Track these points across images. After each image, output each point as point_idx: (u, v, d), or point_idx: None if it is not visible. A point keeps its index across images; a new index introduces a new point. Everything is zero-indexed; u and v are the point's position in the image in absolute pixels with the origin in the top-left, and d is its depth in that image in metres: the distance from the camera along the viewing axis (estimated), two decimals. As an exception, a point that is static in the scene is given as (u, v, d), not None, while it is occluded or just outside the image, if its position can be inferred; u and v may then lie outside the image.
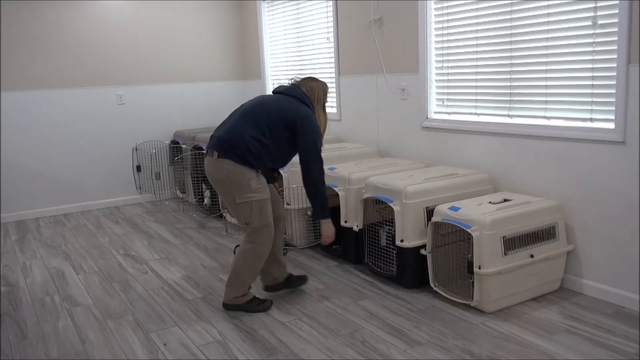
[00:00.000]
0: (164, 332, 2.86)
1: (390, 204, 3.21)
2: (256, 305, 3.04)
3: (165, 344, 2.73)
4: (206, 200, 5.05)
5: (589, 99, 2.99)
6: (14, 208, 5.27)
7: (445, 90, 3.84)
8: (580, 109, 3.05)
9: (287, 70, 5.59)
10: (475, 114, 3.65)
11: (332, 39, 4.83)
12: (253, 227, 2.90)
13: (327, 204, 2.95)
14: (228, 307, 3.06)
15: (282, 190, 3.11)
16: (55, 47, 5.26)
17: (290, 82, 3.13)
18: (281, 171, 3.99)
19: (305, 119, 2.87)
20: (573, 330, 2.70)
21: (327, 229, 2.98)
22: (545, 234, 3.04)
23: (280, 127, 2.85)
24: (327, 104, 3.14)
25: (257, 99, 2.99)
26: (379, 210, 3.63)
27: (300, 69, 5.38)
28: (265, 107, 2.90)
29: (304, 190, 3.84)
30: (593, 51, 2.93)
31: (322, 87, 3.10)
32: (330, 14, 4.78)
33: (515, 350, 2.53)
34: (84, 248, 4.34)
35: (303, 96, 2.97)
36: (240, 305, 3.03)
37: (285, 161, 3.00)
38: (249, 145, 2.81)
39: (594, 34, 2.92)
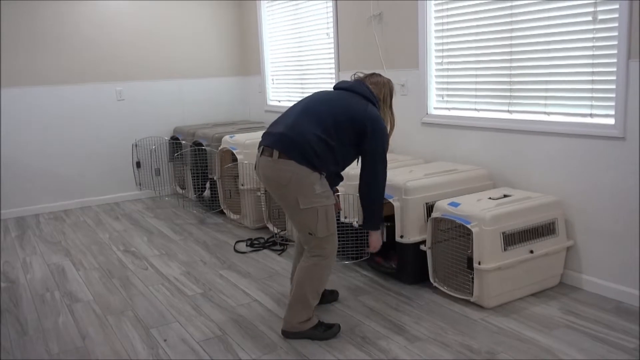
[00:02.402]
0: (164, 328, 2.86)
1: (390, 200, 3.21)
2: (322, 332, 2.65)
3: (165, 340, 2.73)
4: (206, 192, 5.04)
5: (589, 95, 2.99)
6: (13, 204, 5.27)
7: (445, 86, 3.84)
8: (580, 105, 3.04)
9: (287, 66, 5.59)
10: (475, 109, 3.65)
11: (331, 35, 4.82)
12: (318, 238, 2.56)
13: (382, 214, 2.71)
14: (289, 335, 2.68)
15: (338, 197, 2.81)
16: (54, 43, 5.25)
17: (352, 77, 2.81)
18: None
19: (375, 121, 2.57)
20: (572, 326, 2.71)
21: (377, 239, 2.75)
22: (545, 230, 3.04)
23: (347, 129, 2.54)
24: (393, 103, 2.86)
25: (319, 95, 2.67)
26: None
27: (300, 65, 5.37)
28: (331, 104, 2.59)
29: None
30: (593, 46, 2.93)
31: (389, 84, 2.79)
32: (330, 9, 4.77)
33: (515, 346, 2.54)
34: (84, 244, 4.34)
35: (370, 94, 2.66)
36: (303, 333, 2.65)
37: (345, 165, 2.67)
38: (314, 145, 2.48)
39: (594, 29, 2.91)
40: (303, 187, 2.48)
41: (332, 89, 2.75)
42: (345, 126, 2.54)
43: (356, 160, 2.71)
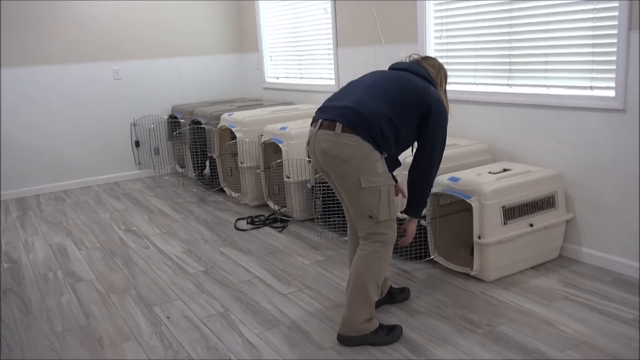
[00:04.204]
0: (167, 306, 2.89)
1: (390, 176, 3.21)
2: (385, 336, 2.42)
3: (168, 317, 2.76)
4: (206, 170, 5.04)
5: (590, 67, 2.97)
6: (14, 185, 5.27)
7: (444, 60, 3.80)
8: (580, 77, 3.02)
9: (285, 42, 5.54)
10: (475, 83, 3.62)
11: (329, 10, 4.76)
12: (378, 222, 2.36)
13: (427, 202, 2.54)
14: (347, 340, 2.42)
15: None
16: (50, 22, 5.19)
17: (408, 58, 2.62)
18: (280, 145, 3.98)
19: (439, 102, 2.41)
20: (572, 298, 2.73)
21: (414, 228, 2.55)
22: (544, 203, 3.05)
23: (413, 109, 2.36)
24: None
25: (381, 73, 2.49)
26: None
27: (298, 41, 5.32)
28: (397, 83, 2.40)
29: (304, 162, 3.84)
30: (594, 17, 2.90)
31: (444, 68, 2.63)
32: (327, -17, 4.72)
33: (515, 318, 2.56)
34: (85, 224, 4.36)
35: (429, 76, 2.50)
36: (364, 337, 2.41)
37: (404, 149, 2.48)
38: (381, 123, 2.29)
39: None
40: (366, 165, 2.29)
41: (388, 70, 2.57)
42: (412, 106, 2.36)
43: (411, 147, 2.54)
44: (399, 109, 2.33)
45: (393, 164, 2.54)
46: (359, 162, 2.28)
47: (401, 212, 2.51)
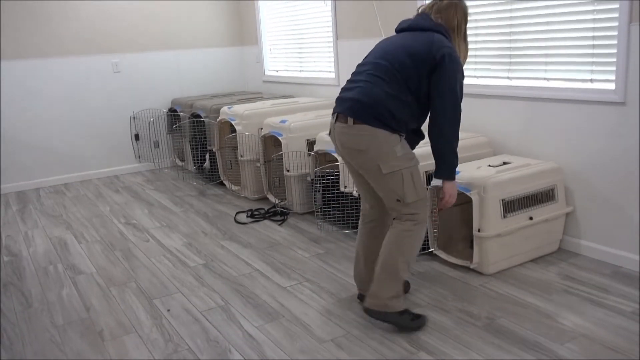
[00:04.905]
0: (167, 299, 2.89)
1: (390, 169, 3.21)
2: (410, 320, 2.42)
3: (168, 310, 2.77)
4: (206, 163, 5.04)
5: (590, 60, 2.96)
6: (14, 179, 5.27)
7: (445, 53, 3.79)
8: (580, 70, 3.02)
9: (284, 35, 5.52)
10: (475, 76, 3.62)
11: (329, 2, 4.75)
12: (407, 204, 2.36)
13: (457, 162, 2.39)
14: (373, 314, 2.44)
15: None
16: (49, 15, 5.18)
17: (418, 11, 2.47)
18: (280, 138, 3.98)
19: (443, 48, 2.26)
20: (571, 291, 2.73)
21: (450, 190, 2.41)
22: (544, 196, 3.05)
23: (421, 75, 2.28)
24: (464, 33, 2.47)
25: (383, 46, 2.40)
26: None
27: (298, 34, 5.31)
28: (395, 55, 2.31)
29: (304, 155, 3.84)
30: (594, 10, 2.89)
31: (462, 9, 2.41)
32: (327, -24, 4.70)
33: (514, 311, 2.57)
34: (85, 217, 4.36)
35: (435, 26, 2.35)
36: (389, 315, 2.41)
37: (426, 118, 2.43)
38: (388, 105, 2.27)
39: (595, -8, 2.87)
40: (383, 151, 2.29)
41: (395, 32, 2.49)
42: (418, 72, 2.28)
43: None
44: (403, 84, 2.29)
45: (415, 139, 2.47)
46: (376, 150, 2.29)
47: (434, 176, 2.43)
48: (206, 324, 2.61)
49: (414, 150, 2.44)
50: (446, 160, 2.36)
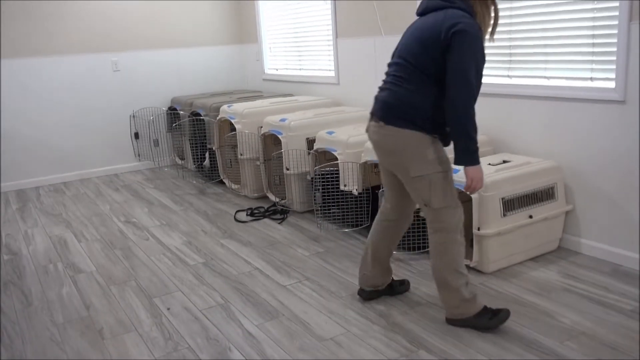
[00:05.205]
0: (167, 297, 2.89)
1: (390, 167, 3.21)
2: (488, 320, 2.37)
3: (168, 309, 2.77)
4: (206, 161, 5.04)
5: (590, 58, 2.96)
6: (13, 177, 5.27)
7: (444, 52, 3.79)
8: (580, 68, 3.02)
9: (284, 33, 5.52)
10: (475, 75, 3.61)
11: (329, 0, 4.74)
12: (434, 210, 2.32)
13: (474, 146, 2.21)
14: (452, 322, 2.46)
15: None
16: (48, 14, 5.17)
17: None
18: (280, 137, 3.98)
19: (453, 34, 2.12)
20: (571, 289, 2.73)
21: (473, 175, 2.25)
22: (544, 195, 3.05)
23: (433, 61, 2.18)
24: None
25: (403, 40, 2.33)
26: (379, 174, 3.63)
27: (298, 32, 5.30)
28: (410, 49, 2.24)
29: (303, 154, 3.84)
30: (594, 9, 2.88)
31: None
32: (327, -26, 4.69)
33: (514, 309, 2.57)
34: (85, 216, 4.36)
35: (452, 2, 2.20)
36: (467, 321, 2.40)
37: None
38: (412, 101, 2.22)
39: (595, -10, 2.87)
40: (413, 153, 2.25)
41: (417, 16, 2.37)
42: (428, 61, 2.19)
43: None
44: (421, 74, 2.21)
45: (445, 134, 2.36)
46: (405, 152, 2.26)
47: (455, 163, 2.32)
48: (206, 323, 2.61)
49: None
50: (461, 146, 2.21)
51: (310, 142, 3.95)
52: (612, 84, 2.86)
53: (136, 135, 5.80)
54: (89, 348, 2.45)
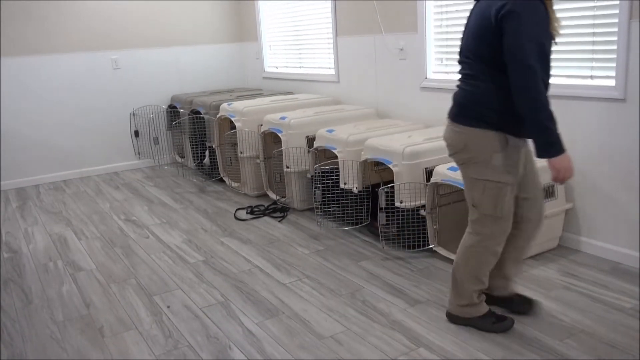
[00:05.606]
0: (167, 295, 2.90)
1: (390, 165, 3.21)
2: (491, 324, 2.36)
3: (168, 307, 2.77)
4: (206, 159, 5.04)
5: (590, 56, 2.96)
6: (13, 175, 5.26)
7: (445, 49, 3.79)
8: (580, 67, 3.01)
9: (284, 31, 5.51)
10: (475, 73, 3.61)
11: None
12: (480, 213, 2.23)
13: (551, 136, 1.99)
14: (452, 318, 2.45)
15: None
16: (48, 11, 5.16)
17: None
18: (280, 135, 3.97)
19: (503, 15, 1.95)
20: (571, 287, 2.74)
21: (556, 162, 2.02)
22: (544, 193, 3.05)
23: (490, 48, 2.03)
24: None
25: (463, 32, 2.22)
26: (379, 172, 3.63)
27: (297, 30, 5.30)
28: (468, 45, 2.15)
29: (303, 152, 3.84)
30: (594, 6, 2.88)
31: None
32: (327, -28, 4.69)
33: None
34: (85, 214, 4.36)
35: None
36: (468, 320, 2.40)
37: None
38: (477, 97, 2.11)
39: (595, -12, 2.86)
40: (477, 153, 2.14)
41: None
42: (485, 49, 2.05)
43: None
44: (482, 65, 2.08)
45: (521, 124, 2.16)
46: (469, 150, 2.16)
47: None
48: (206, 321, 2.61)
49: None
50: (537, 139, 2.02)
51: (310, 140, 3.95)
52: (612, 82, 2.86)
53: (136, 133, 5.80)
54: (89, 346, 2.46)
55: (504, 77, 2.02)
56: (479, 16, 2.08)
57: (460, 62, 2.22)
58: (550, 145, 2.01)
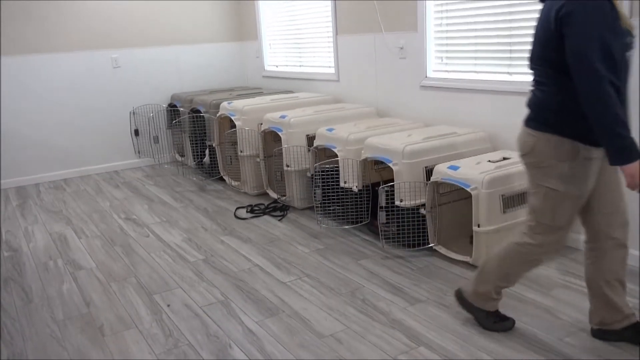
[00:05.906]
0: (167, 294, 2.90)
1: (390, 164, 3.21)
2: (492, 322, 2.38)
3: (168, 305, 2.77)
4: (206, 158, 5.04)
5: (590, 55, 2.95)
6: (13, 174, 5.27)
7: (445, 48, 3.79)
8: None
9: (284, 30, 5.51)
10: (475, 71, 3.61)
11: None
12: (537, 221, 2.14)
13: (622, 141, 1.85)
14: (460, 299, 2.44)
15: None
16: (48, 10, 5.16)
17: None
18: (280, 133, 3.98)
19: (562, 17, 1.87)
20: (570, 286, 2.74)
21: (629, 169, 1.87)
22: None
23: (554, 51, 1.94)
24: None
25: (535, 33, 2.09)
26: (379, 171, 3.63)
27: (297, 29, 5.30)
28: (536, 51, 2.06)
29: (304, 151, 3.84)
30: (594, 5, 2.88)
31: None
32: (327, -29, 4.68)
33: (514, 306, 2.57)
34: (85, 212, 4.36)
35: None
36: (473, 309, 2.40)
37: None
38: (542, 101, 2.04)
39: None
40: (543, 159, 2.06)
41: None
42: (549, 52, 1.97)
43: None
44: (549, 68, 2.00)
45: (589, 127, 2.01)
46: (535, 155, 2.08)
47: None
48: (206, 319, 2.62)
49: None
50: (607, 144, 1.89)
51: (311, 139, 3.95)
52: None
53: (136, 132, 5.80)
54: (89, 345, 2.46)
55: (570, 81, 1.93)
56: (542, 20, 2.01)
57: (530, 68, 2.14)
58: (621, 152, 1.87)
